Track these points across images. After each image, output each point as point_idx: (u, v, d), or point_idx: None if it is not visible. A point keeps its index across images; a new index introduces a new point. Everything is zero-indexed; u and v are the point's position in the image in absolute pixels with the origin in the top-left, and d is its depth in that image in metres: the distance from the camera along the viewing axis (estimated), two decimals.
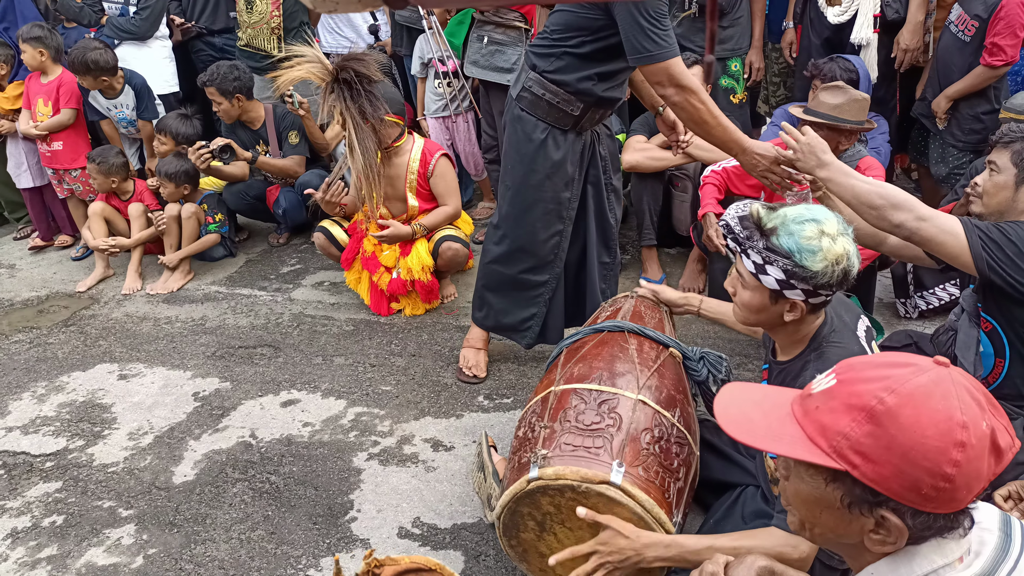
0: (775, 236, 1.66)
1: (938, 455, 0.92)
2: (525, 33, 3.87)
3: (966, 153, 3.59)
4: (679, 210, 3.88)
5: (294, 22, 4.52)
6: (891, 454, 0.94)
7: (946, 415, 0.93)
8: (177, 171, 4.10)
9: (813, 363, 1.71)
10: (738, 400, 1.13)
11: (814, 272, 1.62)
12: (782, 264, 1.65)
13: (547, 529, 1.91)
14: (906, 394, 0.94)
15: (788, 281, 1.66)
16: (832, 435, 0.98)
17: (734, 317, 1.90)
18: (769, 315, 1.76)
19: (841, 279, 1.65)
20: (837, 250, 1.63)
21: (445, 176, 3.63)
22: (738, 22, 3.93)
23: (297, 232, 4.65)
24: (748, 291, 1.76)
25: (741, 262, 1.76)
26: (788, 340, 1.82)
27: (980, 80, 3.45)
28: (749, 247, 1.69)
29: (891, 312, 3.36)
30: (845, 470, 0.96)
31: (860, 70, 3.31)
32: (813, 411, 1.01)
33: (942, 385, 0.95)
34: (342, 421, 2.91)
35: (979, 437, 0.93)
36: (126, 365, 3.40)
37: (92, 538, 2.42)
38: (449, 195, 3.66)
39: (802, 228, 1.64)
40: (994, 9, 3.33)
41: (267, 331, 3.60)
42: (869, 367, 1.01)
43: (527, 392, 2.98)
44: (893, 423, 0.94)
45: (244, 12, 4.49)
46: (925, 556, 0.99)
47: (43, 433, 2.96)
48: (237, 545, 2.35)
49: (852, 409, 0.97)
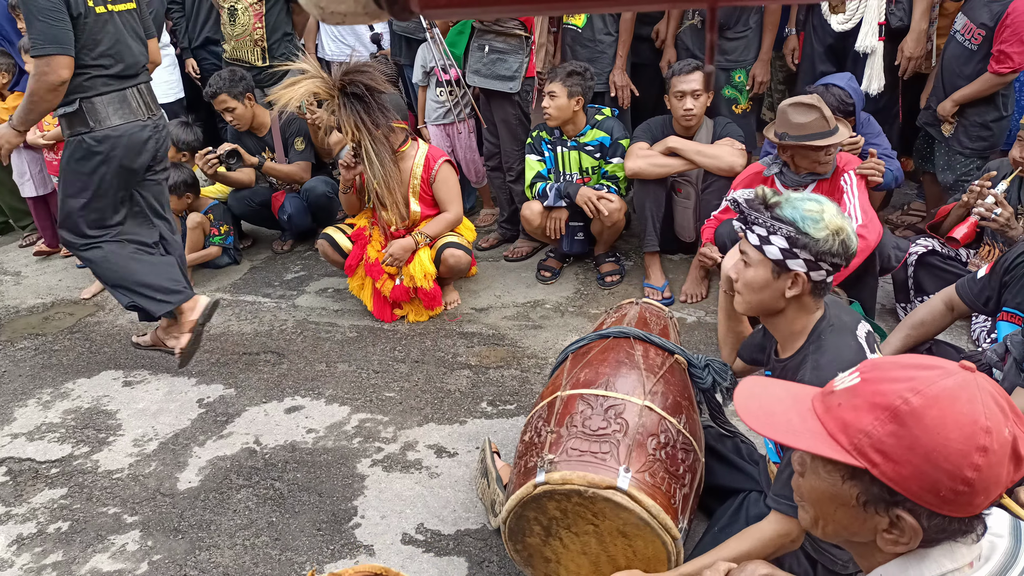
0: (779, 208, 1.73)
1: (960, 458, 0.92)
2: (525, 41, 3.89)
3: (973, 160, 3.59)
4: (682, 216, 3.89)
5: (277, 34, 4.56)
6: (913, 454, 0.93)
7: (971, 419, 0.93)
8: (176, 182, 4.10)
9: (812, 355, 1.73)
10: (759, 393, 1.13)
11: (816, 239, 1.68)
12: (785, 231, 1.70)
13: (553, 534, 1.91)
14: (932, 396, 0.94)
15: (791, 250, 1.70)
16: (854, 432, 0.97)
17: (736, 308, 1.90)
18: (772, 293, 1.77)
19: (841, 251, 1.69)
20: (838, 222, 1.70)
21: (448, 182, 3.65)
22: (744, 35, 3.95)
23: (301, 239, 4.67)
24: (752, 268, 1.78)
25: (746, 240, 1.79)
26: (788, 331, 1.82)
27: (987, 86, 3.45)
28: (754, 220, 1.75)
29: (893, 317, 3.35)
30: (865, 468, 0.96)
31: (854, 95, 3.31)
32: (835, 408, 1.01)
33: (968, 389, 0.95)
34: (346, 427, 2.91)
35: (1001, 443, 0.93)
36: (131, 372, 3.41)
37: (97, 544, 2.42)
38: (451, 201, 3.67)
39: (804, 202, 1.72)
40: (1000, 17, 3.33)
41: (271, 338, 3.61)
42: (895, 367, 1.01)
43: (530, 398, 2.98)
44: (917, 424, 0.93)
45: (228, 24, 4.53)
46: (936, 560, 0.99)
47: (48, 440, 2.96)
48: (241, 551, 2.35)
49: (876, 408, 0.97)
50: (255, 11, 4.47)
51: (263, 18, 4.47)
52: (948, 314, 2.52)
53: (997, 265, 2.42)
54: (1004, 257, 2.42)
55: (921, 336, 2.53)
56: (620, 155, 3.74)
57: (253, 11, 4.47)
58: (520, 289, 3.92)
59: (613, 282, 3.85)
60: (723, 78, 3.97)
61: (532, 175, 3.88)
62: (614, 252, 4.04)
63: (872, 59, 3.68)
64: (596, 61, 4.11)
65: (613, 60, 4.14)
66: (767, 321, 1.88)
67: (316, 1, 0.55)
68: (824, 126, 2.94)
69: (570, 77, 3.64)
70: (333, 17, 0.55)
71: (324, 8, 0.55)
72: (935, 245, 3.22)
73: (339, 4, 0.53)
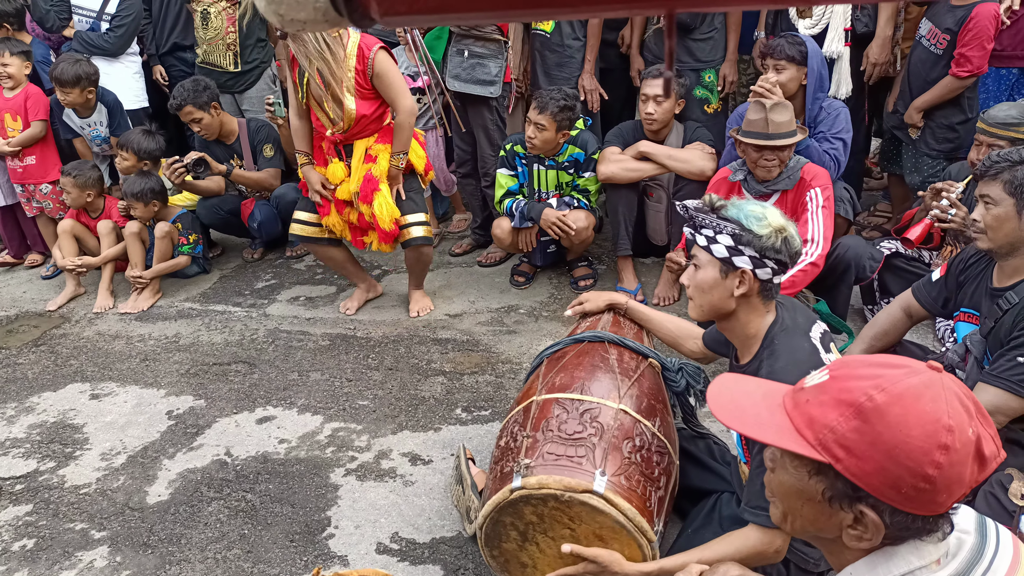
0: (724, 210, 1.80)
1: (921, 455, 0.93)
2: (504, 45, 3.89)
3: (940, 161, 3.65)
4: (654, 220, 3.91)
5: (251, 39, 4.51)
6: (875, 450, 0.95)
7: (933, 417, 0.94)
8: (143, 189, 4.04)
9: (766, 361, 1.76)
10: (731, 388, 1.15)
11: (759, 235, 1.74)
12: (730, 230, 1.77)
13: (529, 539, 1.91)
14: (896, 393, 0.96)
15: (736, 247, 1.76)
16: (819, 428, 0.99)
17: (691, 314, 1.92)
18: (720, 293, 1.80)
19: (784, 248, 1.75)
20: (780, 221, 1.77)
21: (389, 72, 3.28)
22: (710, 35, 3.99)
23: (272, 247, 4.62)
24: (701, 270, 1.82)
25: (696, 244, 1.84)
26: (743, 335, 1.85)
27: (947, 91, 3.51)
28: (701, 222, 1.83)
29: (860, 318, 3.40)
30: (828, 463, 0.98)
31: (808, 45, 3.31)
32: (803, 404, 1.03)
33: (932, 388, 0.96)
34: (319, 437, 2.88)
35: (964, 443, 0.94)
36: (98, 384, 3.34)
37: (64, 561, 2.37)
38: (399, 94, 3.31)
39: (748, 205, 1.80)
40: (964, 21, 3.40)
41: (242, 347, 3.56)
42: (863, 365, 1.02)
43: (505, 404, 2.98)
44: (880, 420, 0.95)
45: (200, 28, 4.48)
46: (903, 557, 1.00)
47: (13, 455, 2.90)
48: (213, 565, 2.31)
49: (841, 404, 0.98)
50: (228, 15, 4.43)
51: (236, 23, 4.43)
52: (907, 320, 2.55)
53: (952, 266, 2.43)
54: (958, 257, 2.43)
55: (883, 347, 2.56)
56: (593, 169, 3.74)
57: (226, 15, 4.42)
58: (494, 294, 3.92)
59: (586, 286, 3.86)
60: (693, 79, 4.01)
61: (501, 193, 3.87)
62: (587, 256, 4.05)
63: (839, 64, 3.74)
64: (565, 66, 4.12)
65: (582, 65, 4.16)
66: (722, 326, 1.91)
67: (275, 8, 0.54)
68: (788, 124, 2.96)
69: (562, 112, 3.58)
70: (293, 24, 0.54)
71: (283, 16, 0.54)
72: (899, 247, 3.26)
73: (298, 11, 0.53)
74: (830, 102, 3.40)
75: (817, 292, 3.12)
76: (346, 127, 3.36)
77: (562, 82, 3.98)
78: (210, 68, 4.53)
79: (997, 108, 3.08)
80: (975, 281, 2.34)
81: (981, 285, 2.31)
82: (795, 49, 3.28)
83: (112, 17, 4.49)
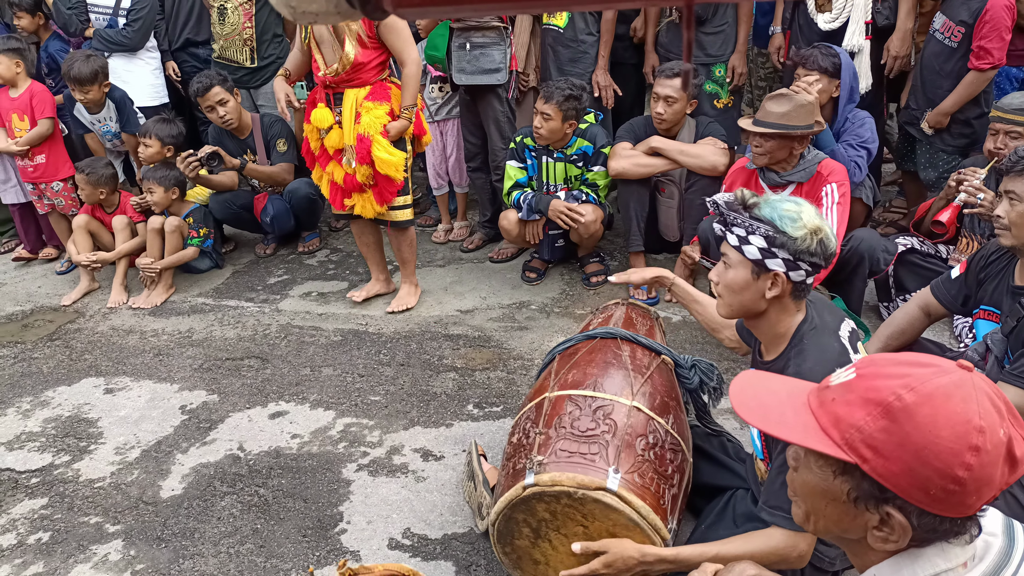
0: (758, 209, 1.73)
1: (951, 457, 0.91)
2: (504, 32, 3.87)
3: (955, 157, 3.60)
4: (666, 215, 3.89)
5: (267, 34, 4.53)
6: (903, 451, 0.92)
7: (963, 418, 0.91)
8: (167, 175, 4.08)
9: (794, 360, 1.72)
10: (754, 386, 1.12)
11: (794, 238, 1.68)
12: (763, 231, 1.70)
13: (542, 536, 1.90)
14: (925, 393, 0.93)
15: (769, 249, 1.70)
16: (845, 427, 0.96)
17: (717, 312, 1.89)
18: (752, 294, 1.76)
19: (819, 250, 1.69)
20: (816, 222, 1.70)
21: (397, 23, 3.23)
22: (722, 29, 3.96)
23: (284, 242, 4.63)
24: (732, 269, 1.77)
25: (727, 242, 1.79)
26: (771, 334, 1.82)
27: (973, 88, 3.45)
28: (733, 221, 1.76)
29: (876, 315, 3.37)
30: (855, 463, 0.95)
31: (842, 57, 3.29)
32: (829, 403, 1.00)
33: (963, 388, 0.93)
34: (331, 432, 2.88)
35: (995, 444, 0.91)
36: (112, 379, 3.36)
37: (79, 555, 2.38)
38: (406, 43, 3.30)
39: (783, 203, 1.72)
40: (979, 13, 3.35)
41: (254, 343, 3.57)
42: (891, 364, 1.00)
43: (516, 400, 2.97)
44: (909, 420, 0.92)
45: (217, 23, 4.49)
46: (929, 559, 0.97)
47: (28, 449, 2.92)
48: (226, 559, 2.32)
49: (868, 403, 0.95)
50: (245, 11, 4.43)
51: (253, 18, 4.44)
52: (925, 318, 2.51)
53: (972, 263, 2.41)
54: (979, 254, 2.41)
55: (900, 345, 2.52)
56: (602, 163, 3.73)
57: (243, 10, 4.43)
58: (505, 290, 3.91)
59: (598, 282, 3.84)
60: (704, 73, 3.98)
61: (510, 184, 3.86)
62: (599, 252, 4.03)
63: (859, 58, 3.69)
64: (578, 61, 4.10)
65: (595, 60, 4.13)
66: (750, 324, 1.87)
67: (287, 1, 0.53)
68: (804, 119, 2.93)
69: (567, 101, 3.57)
70: (305, 17, 0.53)
71: (295, 8, 0.53)
72: (914, 243, 3.23)
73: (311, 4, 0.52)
74: (856, 112, 3.38)
75: (831, 287, 3.09)
76: (340, 70, 3.31)
77: (575, 78, 3.96)
78: (226, 63, 4.54)
79: (1011, 96, 3.08)
80: (996, 279, 2.31)
81: (1002, 283, 2.28)
82: (828, 61, 3.24)
83: (128, 12, 4.51)
